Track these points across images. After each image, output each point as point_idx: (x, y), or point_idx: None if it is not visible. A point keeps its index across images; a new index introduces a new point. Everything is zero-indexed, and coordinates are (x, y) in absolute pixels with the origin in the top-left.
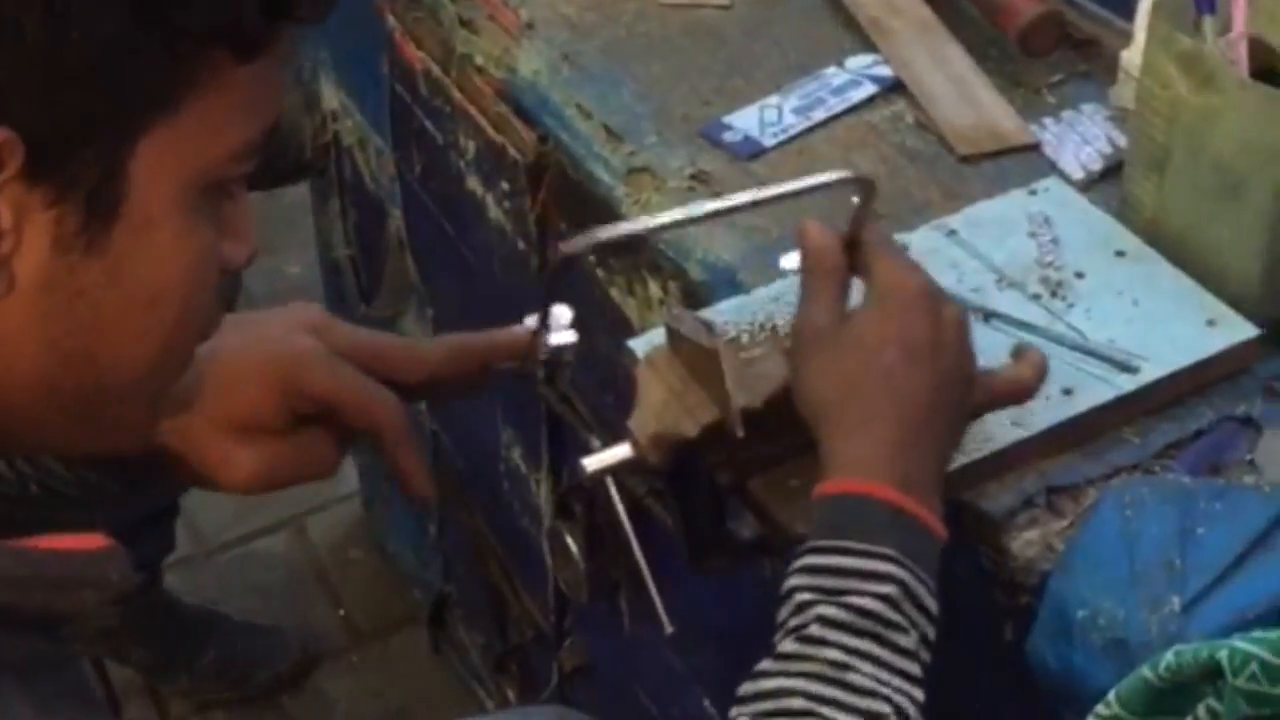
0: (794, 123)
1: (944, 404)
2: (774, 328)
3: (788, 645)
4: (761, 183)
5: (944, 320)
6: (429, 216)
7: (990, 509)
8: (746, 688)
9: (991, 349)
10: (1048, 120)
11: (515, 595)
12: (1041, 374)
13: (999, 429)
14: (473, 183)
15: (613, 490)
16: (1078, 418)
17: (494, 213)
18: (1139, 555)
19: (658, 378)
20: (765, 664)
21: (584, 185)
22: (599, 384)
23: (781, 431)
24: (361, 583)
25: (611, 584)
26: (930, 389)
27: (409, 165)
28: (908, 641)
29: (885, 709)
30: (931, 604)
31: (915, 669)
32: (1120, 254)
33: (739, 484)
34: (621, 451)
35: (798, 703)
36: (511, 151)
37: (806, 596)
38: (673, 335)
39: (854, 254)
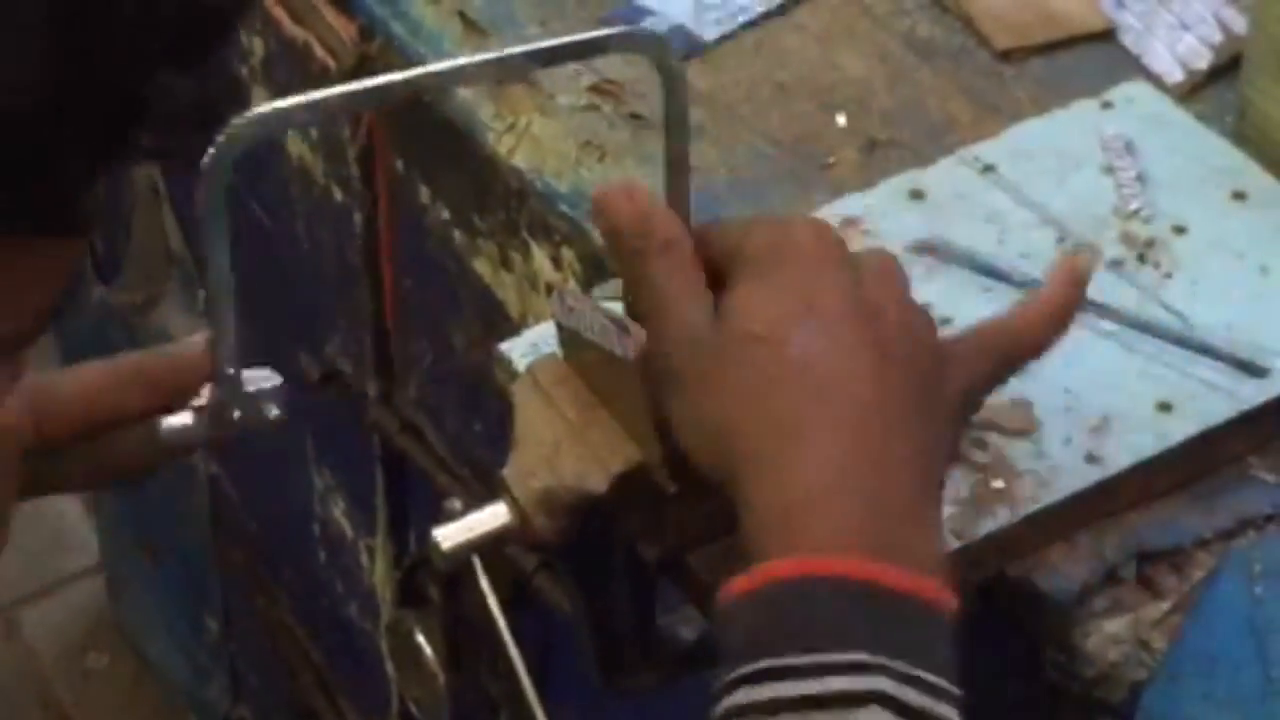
0: (748, 3)
1: (902, 398)
2: None
3: None
4: (703, 96)
5: (861, 274)
6: None
7: (1051, 589)
8: None
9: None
10: None
11: None
12: (1080, 285)
13: (1063, 465)
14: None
15: (482, 575)
16: (1181, 446)
17: (296, 146)
18: (1278, 654)
19: (547, 403)
20: None
21: (431, 105)
22: (460, 406)
23: None
24: (105, 705)
25: (485, 703)
26: (874, 379)
27: None
28: None
29: None
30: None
31: None
32: (1239, 196)
33: (674, 560)
34: (494, 516)
35: None
36: (320, 53)
37: None
38: (569, 337)
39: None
